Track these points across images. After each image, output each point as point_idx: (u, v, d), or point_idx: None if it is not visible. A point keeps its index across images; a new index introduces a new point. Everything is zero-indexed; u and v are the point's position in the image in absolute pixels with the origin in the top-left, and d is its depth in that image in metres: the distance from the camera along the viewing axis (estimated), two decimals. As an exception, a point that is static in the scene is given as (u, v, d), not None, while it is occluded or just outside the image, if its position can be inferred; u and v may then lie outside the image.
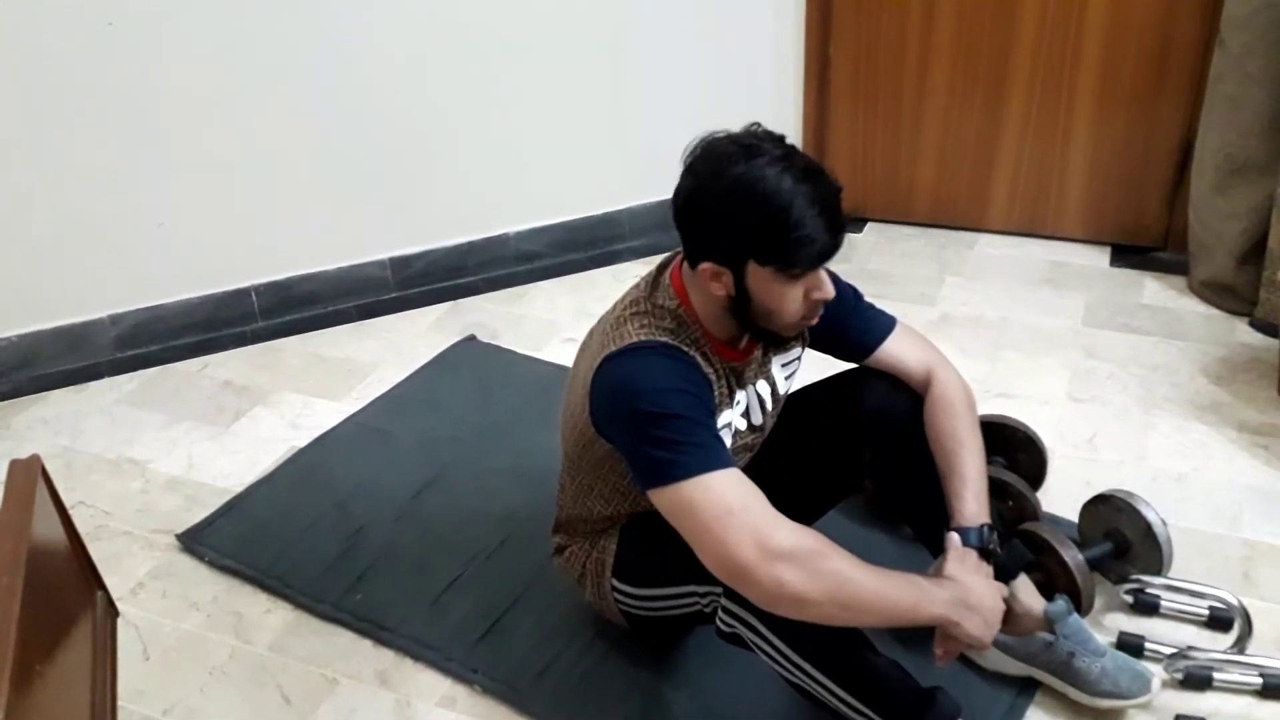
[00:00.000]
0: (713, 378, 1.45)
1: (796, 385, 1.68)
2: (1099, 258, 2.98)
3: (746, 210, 1.30)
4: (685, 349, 1.41)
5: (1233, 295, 2.67)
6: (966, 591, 1.37)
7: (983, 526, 1.47)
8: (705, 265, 1.36)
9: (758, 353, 1.53)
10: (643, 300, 1.46)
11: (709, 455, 1.31)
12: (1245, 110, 2.50)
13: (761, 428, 1.60)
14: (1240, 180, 2.57)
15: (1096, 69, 2.81)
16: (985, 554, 1.45)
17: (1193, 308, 2.71)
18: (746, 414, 1.55)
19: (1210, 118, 2.61)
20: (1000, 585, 1.43)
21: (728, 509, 1.27)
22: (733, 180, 1.30)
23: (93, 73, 2.38)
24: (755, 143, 1.32)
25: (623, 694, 1.65)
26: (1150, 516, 1.75)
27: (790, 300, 1.36)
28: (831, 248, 1.32)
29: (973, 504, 1.49)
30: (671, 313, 1.44)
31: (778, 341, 1.49)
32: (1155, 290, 2.80)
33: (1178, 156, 2.82)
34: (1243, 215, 2.59)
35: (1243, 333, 2.59)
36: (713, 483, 1.29)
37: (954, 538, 1.44)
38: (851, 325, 1.62)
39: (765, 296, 1.36)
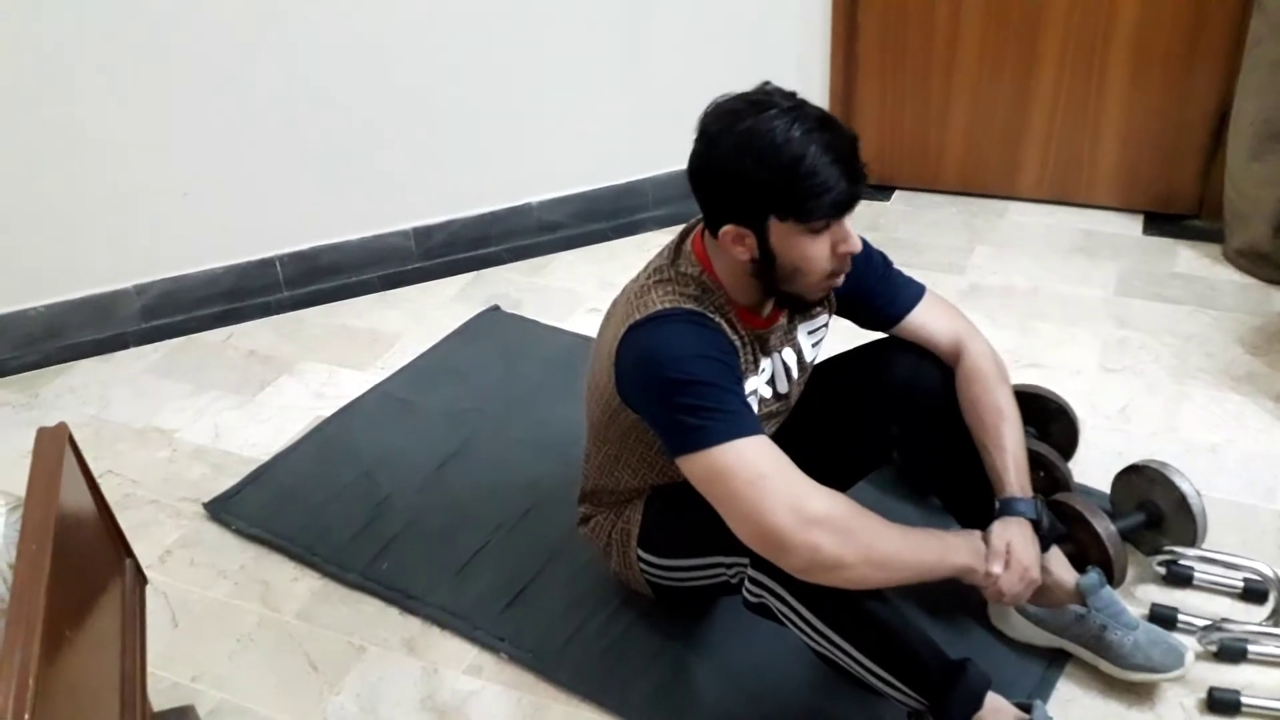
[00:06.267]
0: (738, 344, 1.43)
1: (824, 354, 1.66)
2: (1132, 226, 2.93)
3: (759, 164, 1.26)
4: (710, 315, 1.40)
5: (1269, 264, 2.62)
6: (996, 543, 1.40)
7: (1035, 498, 1.48)
8: (727, 229, 1.33)
9: (782, 320, 1.51)
10: (666, 268, 1.44)
11: (739, 422, 1.30)
12: (1285, 74, 2.44)
13: (787, 396, 1.58)
14: (1279, 146, 2.51)
15: (1131, 32, 2.75)
16: (1035, 526, 1.46)
17: (1227, 276, 2.66)
18: (772, 382, 1.54)
19: (1248, 82, 2.55)
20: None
21: (761, 474, 1.26)
22: (743, 135, 1.27)
23: (117, 42, 2.37)
24: (763, 98, 1.30)
25: (649, 663, 1.65)
26: (1184, 487, 1.72)
27: (816, 256, 1.32)
28: (849, 195, 1.29)
29: (1017, 476, 1.49)
30: (695, 279, 1.42)
31: (803, 306, 1.45)
32: (1189, 259, 2.75)
33: (1214, 122, 2.76)
34: (1281, 182, 2.54)
35: (1279, 302, 2.54)
36: (744, 449, 1.28)
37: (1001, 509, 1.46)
38: (879, 293, 1.60)
39: (789, 254, 1.32)
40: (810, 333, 1.58)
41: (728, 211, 1.33)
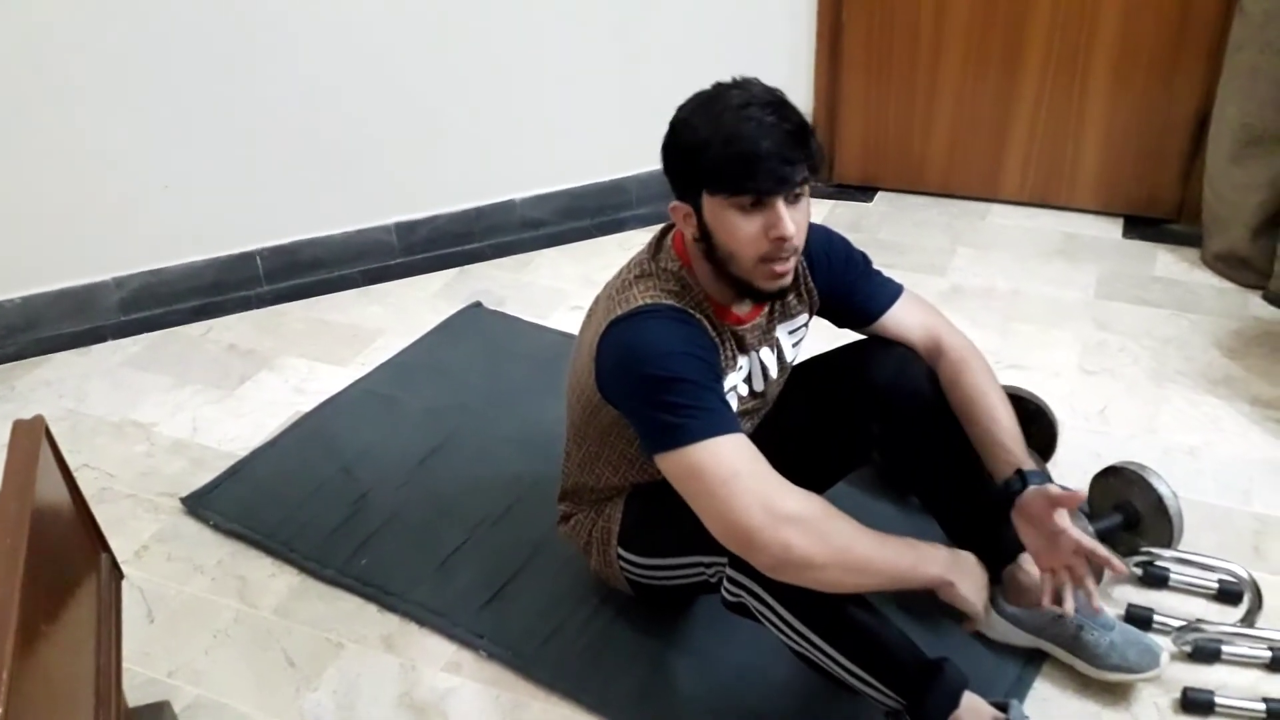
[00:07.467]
0: (717, 341, 1.43)
1: (804, 354, 1.66)
2: (1112, 229, 2.95)
3: (694, 135, 1.31)
4: (691, 311, 1.40)
5: (1247, 268, 2.64)
6: (961, 557, 1.43)
7: (1044, 471, 1.50)
8: (675, 204, 1.38)
9: (761, 318, 1.51)
10: (647, 262, 1.45)
11: (716, 420, 1.30)
12: (1265, 80, 2.46)
13: (764, 394, 1.58)
14: (1258, 151, 2.53)
15: (1113, 37, 2.77)
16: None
17: (1206, 280, 2.69)
18: (749, 380, 1.54)
19: (1229, 87, 2.57)
20: None
21: (735, 473, 1.27)
22: (691, 109, 1.34)
23: (98, 35, 2.35)
24: (730, 82, 1.34)
25: (628, 661, 1.65)
26: (1161, 489, 1.74)
27: (746, 236, 1.32)
28: (767, 171, 1.28)
29: (1023, 452, 1.49)
30: (675, 275, 1.42)
31: (761, 296, 1.43)
32: (1168, 262, 2.77)
33: (1194, 127, 2.78)
34: (1260, 187, 2.56)
35: (1256, 306, 2.56)
36: (720, 447, 1.28)
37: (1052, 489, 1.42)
38: (858, 290, 1.61)
39: (722, 232, 1.34)
40: (790, 332, 1.59)
41: (675, 186, 1.37)
